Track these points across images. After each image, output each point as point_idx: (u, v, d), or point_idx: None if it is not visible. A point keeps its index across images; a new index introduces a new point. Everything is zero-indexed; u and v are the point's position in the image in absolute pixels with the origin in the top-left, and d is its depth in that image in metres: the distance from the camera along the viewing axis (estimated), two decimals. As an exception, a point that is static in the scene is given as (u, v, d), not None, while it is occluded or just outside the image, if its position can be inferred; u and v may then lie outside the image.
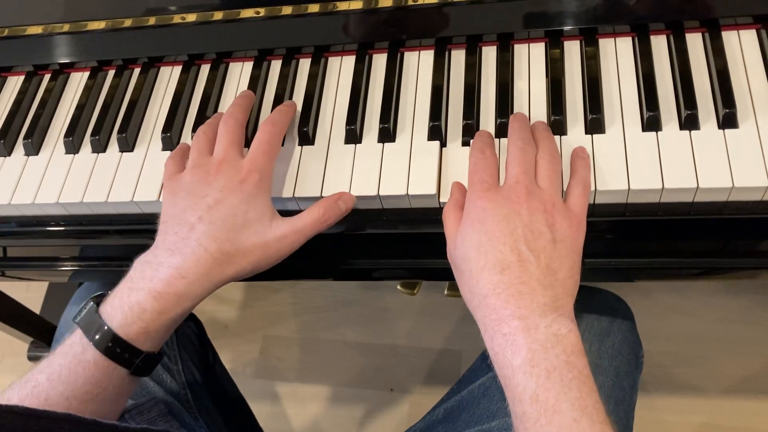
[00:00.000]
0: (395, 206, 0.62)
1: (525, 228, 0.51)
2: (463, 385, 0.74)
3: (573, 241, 0.52)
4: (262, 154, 0.59)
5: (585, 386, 0.47)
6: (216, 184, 0.56)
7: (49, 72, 0.76)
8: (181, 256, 0.54)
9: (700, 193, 0.56)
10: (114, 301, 0.54)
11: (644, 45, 0.63)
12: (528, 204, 0.52)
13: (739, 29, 0.63)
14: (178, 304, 0.54)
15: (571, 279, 0.51)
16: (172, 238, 0.55)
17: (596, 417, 0.45)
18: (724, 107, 0.57)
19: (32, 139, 0.70)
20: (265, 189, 0.58)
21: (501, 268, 0.50)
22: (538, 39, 0.66)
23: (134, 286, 0.54)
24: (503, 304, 0.49)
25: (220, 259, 0.55)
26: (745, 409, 1.24)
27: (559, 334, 0.48)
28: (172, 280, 0.53)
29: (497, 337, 0.49)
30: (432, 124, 0.62)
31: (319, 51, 0.70)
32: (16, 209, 0.68)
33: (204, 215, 0.55)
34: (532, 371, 0.46)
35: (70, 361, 0.53)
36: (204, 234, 0.55)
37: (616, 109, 0.61)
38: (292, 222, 0.58)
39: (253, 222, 0.56)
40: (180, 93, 0.71)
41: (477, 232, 0.52)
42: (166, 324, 0.55)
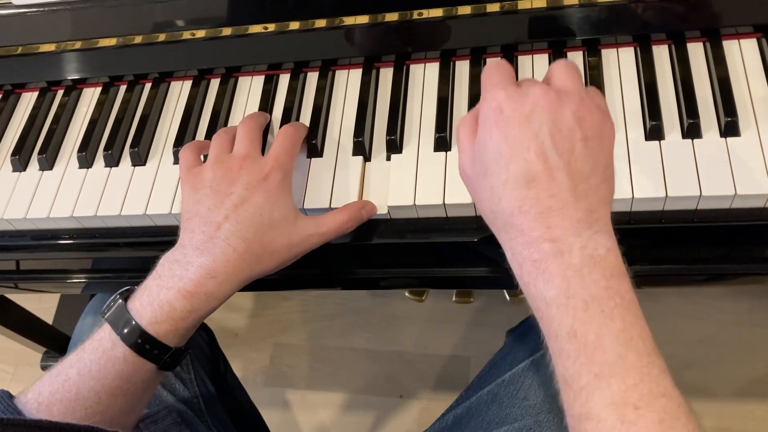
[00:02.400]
0: (403, 216, 0.63)
1: (552, 125, 0.44)
2: (472, 392, 0.74)
3: (604, 138, 0.46)
4: (284, 152, 0.59)
5: (629, 314, 0.42)
6: (240, 181, 0.57)
7: (62, 88, 0.78)
8: (210, 256, 0.54)
9: (704, 200, 0.56)
10: (143, 299, 0.55)
11: (646, 55, 0.64)
12: (553, 96, 0.45)
13: (740, 38, 0.64)
14: (207, 304, 0.55)
15: (605, 183, 0.45)
16: (199, 237, 0.55)
17: (642, 348, 0.41)
18: (726, 116, 0.58)
19: (46, 155, 0.72)
20: (288, 188, 0.59)
21: (526, 180, 0.44)
22: (542, 50, 0.67)
23: (163, 285, 0.54)
24: (531, 224, 0.43)
25: (249, 259, 0.55)
26: (753, 412, 1.24)
27: (596, 255, 0.42)
28: (203, 280, 0.54)
29: (526, 263, 0.44)
30: (438, 136, 0.63)
31: (326, 64, 0.71)
32: (32, 223, 0.70)
33: (230, 214, 0.55)
34: (567, 303, 0.42)
35: (100, 356, 0.54)
36: (232, 234, 0.55)
37: (619, 119, 0.61)
38: (316, 224, 0.59)
39: (279, 222, 0.57)
40: (191, 107, 0.72)
41: (496, 141, 0.45)
42: (194, 322, 0.55)
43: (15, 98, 0.79)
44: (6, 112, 0.78)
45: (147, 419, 0.71)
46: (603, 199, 0.45)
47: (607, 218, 0.45)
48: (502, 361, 0.75)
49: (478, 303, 1.41)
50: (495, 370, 0.75)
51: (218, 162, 0.59)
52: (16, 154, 0.73)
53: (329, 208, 0.62)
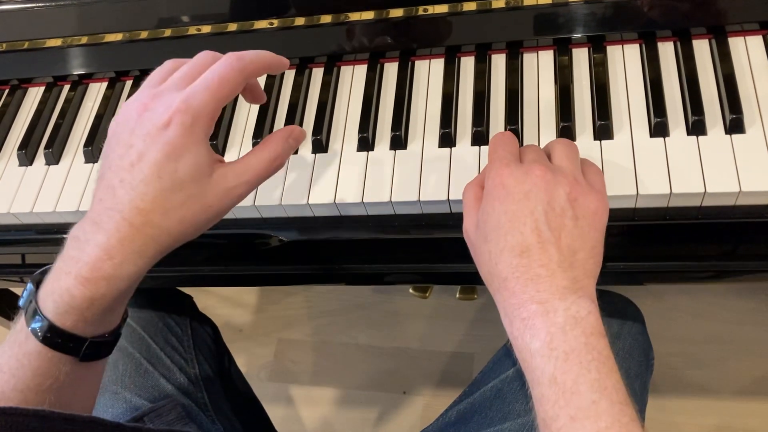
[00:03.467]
0: (407, 212, 0.63)
1: (546, 205, 0.49)
2: (475, 388, 0.75)
3: (595, 218, 0.50)
4: (203, 90, 0.46)
5: (604, 367, 0.45)
6: (140, 129, 0.46)
7: (68, 83, 0.78)
8: (105, 234, 0.45)
9: (708, 197, 0.57)
10: (47, 285, 0.47)
11: (651, 52, 0.64)
12: (549, 178, 0.50)
13: (746, 35, 0.63)
14: (109, 288, 0.46)
15: (592, 259, 0.50)
16: (97, 208, 0.47)
17: (616, 397, 0.44)
18: (731, 113, 0.58)
19: (53, 149, 0.72)
20: (199, 137, 0.46)
21: (521, 250, 0.48)
22: (547, 47, 0.67)
23: (64, 268, 0.47)
24: (522, 288, 0.48)
25: (151, 233, 0.46)
26: (757, 410, 1.24)
27: (578, 317, 0.46)
28: (98, 263, 0.45)
29: (516, 321, 0.48)
30: (443, 132, 0.64)
31: (331, 60, 0.71)
32: (38, 217, 0.70)
33: (125, 176, 0.46)
34: (550, 354, 0.45)
35: (17, 351, 0.48)
36: (126, 204, 0.45)
37: (624, 116, 0.62)
38: (237, 172, 0.49)
39: (185, 182, 0.46)
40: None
41: (497, 213, 0.50)
42: (102, 308, 0.47)
43: (21, 93, 0.80)
44: (12, 106, 0.78)
45: (151, 413, 0.72)
46: (589, 272, 0.49)
47: (591, 288, 0.49)
48: (505, 358, 0.75)
49: (481, 300, 1.41)
50: (498, 367, 0.75)
51: (131, 101, 0.48)
52: (22, 148, 0.73)
53: (333, 204, 0.63)
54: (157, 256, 0.48)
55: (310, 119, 0.68)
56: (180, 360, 0.81)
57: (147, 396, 0.75)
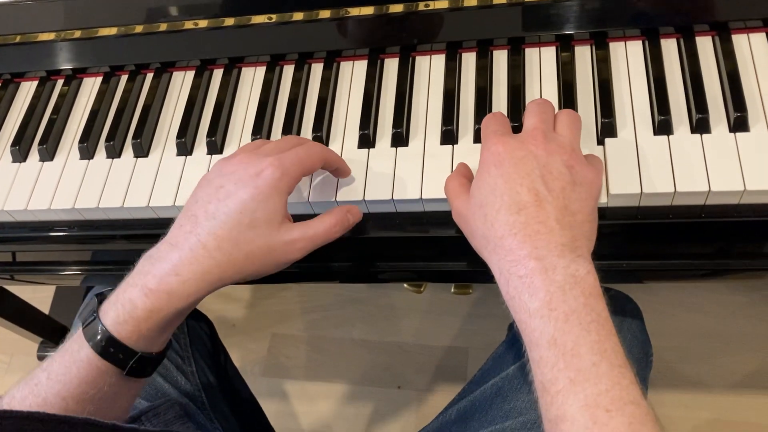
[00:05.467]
0: (408, 210, 0.63)
1: (543, 168, 0.50)
2: (475, 386, 0.74)
3: (592, 187, 0.51)
4: (292, 155, 0.55)
5: (603, 329, 0.45)
6: (233, 176, 0.53)
7: (62, 77, 0.77)
8: (178, 252, 0.51)
9: (712, 196, 0.56)
10: (111, 297, 0.52)
11: (655, 48, 0.64)
12: (545, 146, 0.51)
13: (749, 32, 0.63)
14: (169, 303, 0.51)
15: (589, 223, 0.50)
16: (176, 232, 0.53)
17: (615, 360, 0.44)
18: (735, 111, 0.58)
19: (47, 145, 0.71)
20: (282, 190, 0.54)
21: (518, 208, 0.48)
22: (549, 43, 0.67)
23: (131, 281, 0.52)
24: (519, 245, 0.47)
25: (219, 259, 0.52)
26: (750, 404, 1.25)
27: (578, 275, 0.46)
28: (165, 276, 0.51)
29: (513, 279, 0.47)
30: (445, 129, 0.63)
31: (331, 56, 0.71)
32: (32, 215, 0.69)
33: (210, 209, 0.53)
34: (549, 315, 0.45)
35: (67, 359, 0.52)
36: (206, 230, 0.52)
37: (627, 113, 0.61)
38: (302, 228, 0.55)
39: (260, 223, 0.53)
40: (193, 98, 0.71)
41: (493, 176, 0.51)
42: (158, 324, 0.52)
43: (14, 87, 0.78)
44: (5, 101, 0.77)
45: (149, 412, 0.71)
46: (586, 234, 0.50)
47: (588, 250, 0.49)
48: (505, 355, 0.75)
49: (476, 294, 1.41)
50: (498, 364, 0.75)
51: (227, 158, 0.57)
52: (15, 144, 0.72)
53: (335, 202, 0.62)
54: (217, 283, 0.53)
55: (310, 116, 0.68)
56: (177, 358, 0.80)
57: (144, 395, 0.74)
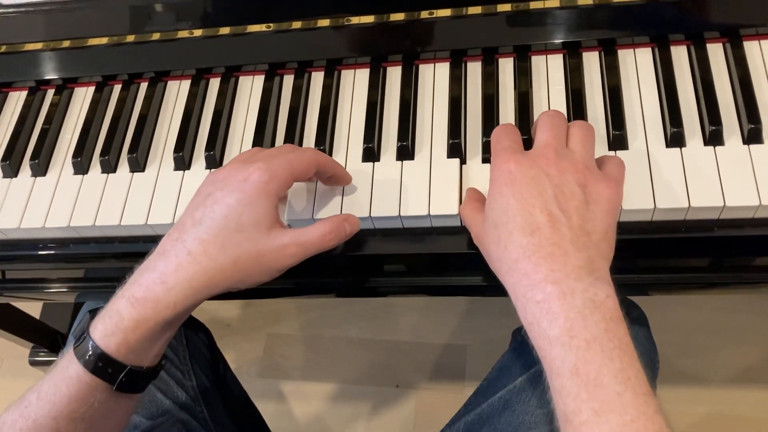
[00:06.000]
0: (415, 225, 0.61)
1: (555, 188, 0.48)
2: (482, 398, 0.73)
3: (608, 203, 0.49)
4: (283, 160, 0.53)
5: (626, 355, 0.44)
6: (221, 182, 0.53)
7: (52, 87, 0.74)
8: (164, 260, 0.51)
9: (727, 210, 0.55)
10: (101, 312, 0.51)
11: (665, 56, 0.62)
12: (557, 164, 0.49)
13: (761, 39, 0.62)
14: (156, 312, 0.49)
15: (605, 242, 0.49)
16: (165, 240, 0.52)
17: (639, 388, 0.43)
18: (749, 122, 0.57)
19: (39, 160, 0.68)
20: (271, 193, 0.52)
21: (531, 229, 0.47)
22: (556, 50, 0.65)
23: (119, 293, 0.51)
24: (534, 268, 0.46)
25: (205, 264, 0.50)
26: (747, 398, 1.25)
27: (597, 300, 0.45)
28: (151, 285, 0.50)
29: (530, 304, 0.46)
30: (452, 142, 0.61)
31: (331, 64, 0.69)
32: (26, 233, 0.67)
33: (197, 215, 0.52)
34: (570, 342, 0.44)
35: (57, 378, 0.50)
36: (191, 236, 0.51)
37: (638, 124, 0.60)
38: (294, 234, 0.53)
39: (247, 227, 0.51)
40: (190, 109, 0.69)
41: (504, 196, 0.49)
42: (146, 335, 0.50)
43: (2, 97, 0.75)
44: (-7, 112, 0.74)
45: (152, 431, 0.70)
46: (603, 254, 0.48)
47: (606, 271, 0.48)
48: (512, 365, 0.74)
49: (473, 291, 1.40)
50: (505, 375, 0.74)
51: (221, 167, 0.55)
52: (6, 159, 0.69)
53: (340, 218, 0.60)
54: (204, 291, 0.51)
55: (312, 127, 0.66)
56: (176, 373, 0.78)
57: (145, 413, 0.72)
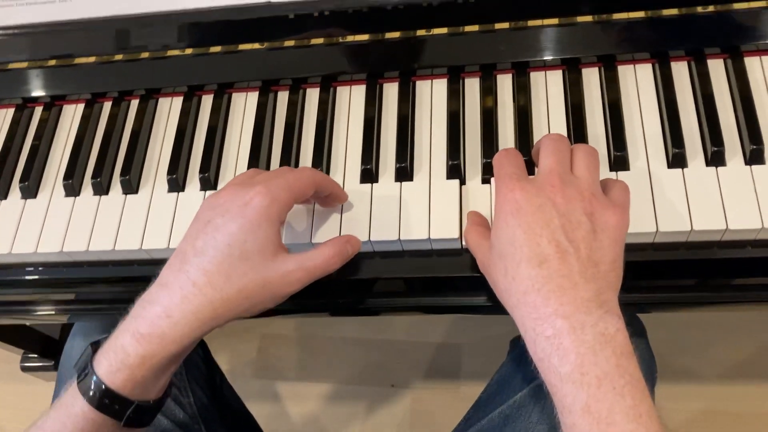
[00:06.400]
0: (415, 248, 0.60)
1: (562, 218, 0.47)
2: (482, 412, 0.73)
3: (615, 231, 0.49)
4: (282, 182, 0.52)
5: (637, 391, 0.44)
6: (221, 207, 0.51)
7: (40, 104, 0.73)
8: (168, 293, 0.49)
9: (729, 233, 0.55)
10: (104, 345, 0.50)
11: (665, 72, 0.62)
12: (563, 192, 0.48)
13: (761, 55, 0.61)
14: (162, 348, 0.49)
15: (613, 272, 0.48)
16: (166, 271, 0.51)
17: (651, 425, 0.43)
18: (751, 143, 0.56)
19: (29, 182, 0.67)
20: (273, 218, 0.51)
21: (539, 260, 0.47)
22: (555, 67, 0.64)
23: (123, 327, 0.50)
24: (543, 301, 0.46)
25: (211, 296, 0.49)
26: (741, 393, 1.26)
27: (607, 334, 0.45)
28: (156, 319, 0.49)
29: (540, 340, 0.46)
30: (451, 163, 0.60)
31: (326, 81, 0.67)
32: (18, 258, 0.65)
33: (198, 244, 0.50)
34: (581, 380, 0.44)
35: (62, 414, 0.50)
36: (194, 266, 0.50)
37: (639, 144, 0.59)
38: (299, 259, 0.53)
39: (252, 254, 0.50)
40: (183, 127, 0.68)
41: (510, 226, 0.48)
42: (153, 370, 0.49)
43: (-13, 115, 0.74)
44: (-22, 131, 0.72)
45: (151, 454, 0.69)
46: (611, 284, 0.47)
47: (615, 302, 0.47)
48: (511, 378, 0.74)
49: (467, 289, 1.40)
50: (504, 388, 0.74)
51: (219, 191, 0.54)
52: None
53: (339, 243, 0.59)
54: (210, 323, 0.50)
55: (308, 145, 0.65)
56: (173, 390, 0.78)
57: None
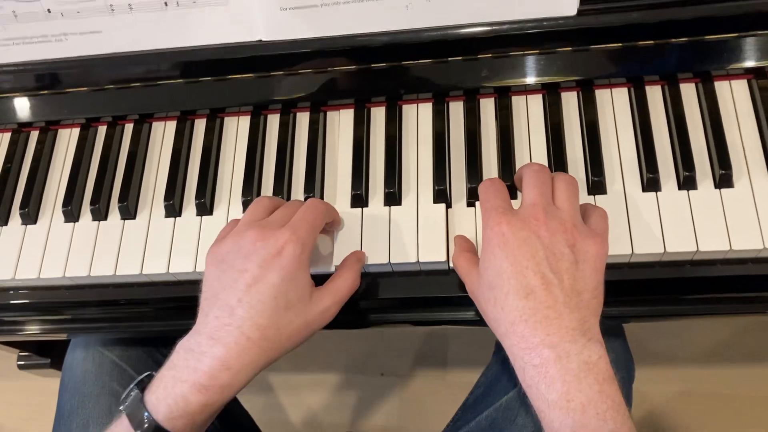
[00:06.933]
0: (405, 270, 0.63)
1: (546, 250, 0.51)
2: (470, 414, 0.77)
3: (596, 261, 0.52)
4: (305, 224, 0.56)
5: (619, 415, 0.48)
6: (254, 256, 0.54)
7: (35, 129, 0.74)
8: (224, 347, 0.52)
9: (700, 254, 0.58)
10: (159, 391, 0.53)
11: (640, 96, 0.64)
12: (547, 225, 0.52)
13: (731, 80, 0.64)
14: (222, 395, 0.53)
15: (595, 299, 0.52)
16: (213, 324, 0.53)
17: None
18: (720, 168, 0.59)
19: (29, 209, 0.69)
20: (305, 263, 0.55)
21: (526, 293, 0.50)
22: (536, 91, 0.67)
23: (178, 376, 0.53)
24: (531, 332, 0.49)
25: (264, 346, 0.53)
26: (717, 375, 1.32)
27: (590, 362, 0.48)
28: (216, 372, 0.52)
29: (528, 368, 0.49)
30: (437, 188, 0.63)
31: (316, 105, 0.69)
32: (21, 283, 0.68)
33: (243, 297, 0.53)
34: (567, 406, 0.47)
35: None
36: (245, 320, 0.52)
37: (616, 167, 0.62)
38: (331, 294, 0.57)
39: (294, 302, 0.54)
40: (177, 152, 0.70)
41: (499, 259, 0.52)
42: (210, 413, 0.54)
43: (-18, 140, 0.75)
44: (-27, 157, 0.74)
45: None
46: (593, 311, 0.51)
47: (597, 328, 0.51)
48: (497, 381, 0.77)
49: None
50: (491, 391, 0.77)
51: (237, 233, 0.56)
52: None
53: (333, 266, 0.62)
54: (263, 367, 0.54)
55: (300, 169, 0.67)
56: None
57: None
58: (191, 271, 0.64)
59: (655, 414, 1.31)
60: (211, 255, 0.57)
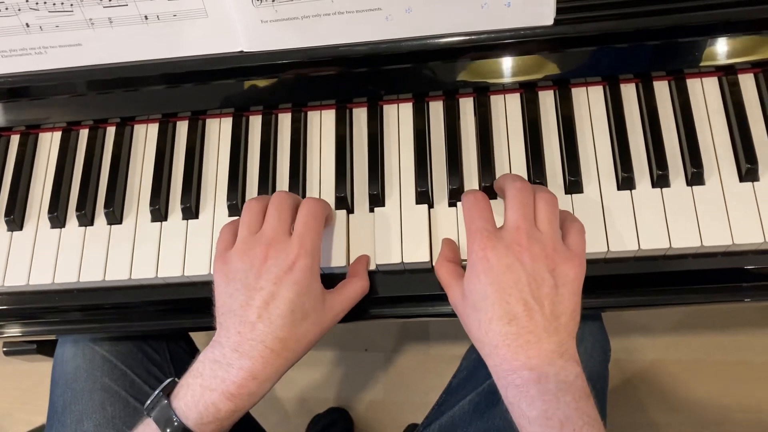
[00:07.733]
0: (391, 270, 0.65)
1: (528, 277, 0.54)
2: (453, 399, 0.79)
3: (574, 284, 0.55)
4: (309, 232, 0.58)
5: (594, 430, 0.52)
6: (267, 274, 0.57)
7: (15, 133, 0.74)
8: (249, 359, 0.56)
9: (672, 250, 0.61)
10: (187, 398, 0.56)
11: (615, 94, 0.66)
12: (530, 251, 0.54)
13: (702, 77, 0.66)
14: (249, 401, 0.56)
15: (572, 321, 0.55)
16: (235, 338, 0.56)
17: None
18: (692, 166, 0.62)
19: (14, 215, 0.69)
20: (316, 272, 0.59)
21: (509, 319, 0.53)
22: (514, 90, 0.68)
23: (206, 385, 0.56)
24: (513, 355, 0.53)
25: (286, 355, 0.57)
26: (688, 343, 1.37)
27: (568, 381, 0.52)
28: (245, 382, 0.55)
29: (510, 388, 0.53)
30: (419, 190, 0.65)
31: (297, 106, 0.70)
32: (9, 289, 0.68)
33: (263, 313, 0.56)
34: (546, 423, 0.51)
35: None
36: (267, 334, 0.56)
37: (592, 166, 0.64)
38: (341, 299, 0.61)
39: (310, 312, 0.58)
40: (161, 154, 0.70)
41: (483, 284, 0.55)
42: (237, 418, 0.57)
43: (-39, 144, 0.75)
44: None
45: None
46: (570, 333, 0.55)
47: (574, 348, 0.55)
48: (480, 365, 0.80)
49: (433, 255, 1.46)
50: (472, 375, 0.80)
51: (244, 251, 0.58)
52: (-23, 214, 0.70)
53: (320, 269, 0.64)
54: (286, 371, 0.59)
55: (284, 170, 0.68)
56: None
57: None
58: (179, 275, 0.65)
59: (632, 383, 1.36)
60: (220, 272, 0.59)
